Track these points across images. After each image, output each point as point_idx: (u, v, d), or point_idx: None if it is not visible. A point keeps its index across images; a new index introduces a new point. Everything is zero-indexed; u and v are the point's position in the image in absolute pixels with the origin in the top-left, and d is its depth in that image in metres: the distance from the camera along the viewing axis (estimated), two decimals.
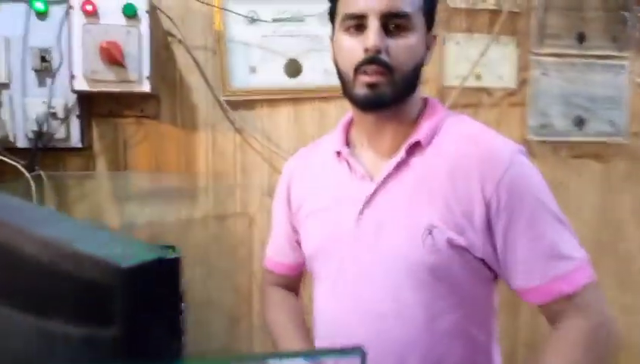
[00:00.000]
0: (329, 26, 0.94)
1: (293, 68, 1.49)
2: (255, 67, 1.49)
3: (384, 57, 0.84)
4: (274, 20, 1.46)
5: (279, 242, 1.10)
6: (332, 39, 0.93)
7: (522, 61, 1.62)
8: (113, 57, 1.24)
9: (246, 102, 1.49)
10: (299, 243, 1.04)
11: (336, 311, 0.95)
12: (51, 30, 1.32)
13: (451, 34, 1.60)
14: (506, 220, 0.84)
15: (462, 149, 0.88)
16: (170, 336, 0.38)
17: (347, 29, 0.86)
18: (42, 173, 1.35)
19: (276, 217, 1.10)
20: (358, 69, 0.85)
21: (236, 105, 1.49)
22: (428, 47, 0.93)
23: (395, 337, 0.89)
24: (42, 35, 1.33)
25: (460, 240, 0.84)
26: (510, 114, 1.62)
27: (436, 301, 0.87)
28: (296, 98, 1.50)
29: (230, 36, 1.47)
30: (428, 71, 1.56)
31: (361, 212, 0.90)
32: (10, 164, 1.30)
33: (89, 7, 1.24)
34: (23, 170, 1.29)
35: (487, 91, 1.62)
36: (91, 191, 1.44)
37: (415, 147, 0.89)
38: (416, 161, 0.89)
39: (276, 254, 1.11)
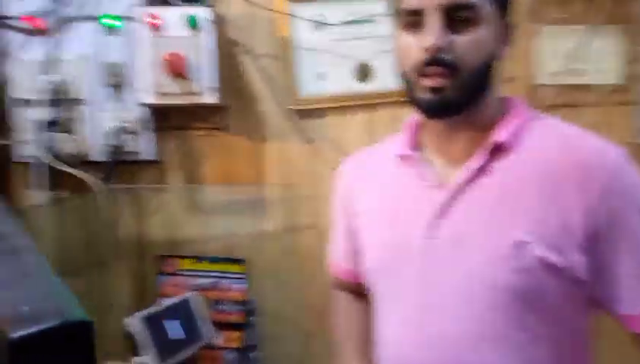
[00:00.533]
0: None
1: (364, 72, 1.40)
2: (324, 73, 1.42)
3: (446, 55, 0.73)
4: (343, 23, 1.39)
5: (339, 247, 1.02)
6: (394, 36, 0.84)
7: (630, 54, 1.41)
8: (176, 68, 1.23)
9: (316, 111, 1.43)
10: (360, 249, 0.94)
11: (400, 340, 0.84)
12: (122, 46, 1.34)
13: (543, 26, 1.43)
14: (611, 235, 0.72)
15: (556, 153, 0.76)
16: None
17: (406, 26, 0.77)
18: (117, 186, 1.38)
19: (335, 222, 1.02)
20: (419, 71, 0.75)
21: (305, 114, 1.43)
22: (504, 39, 0.81)
23: None
24: (114, 51, 1.36)
25: (556, 258, 0.72)
26: (615, 113, 1.42)
27: (521, 332, 0.75)
28: (368, 103, 1.42)
29: (297, 42, 1.41)
30: (515, 68, 1.42)
31: (431, 225, 0.79)
32: (87, 178, 1.34)
33: (154, 21, 1.25)
34: (98, 183, 1.33)
35: (587, 88, 1.43)
36: (165, 203, 1.45)
37: (497, 151, 0.78)
38: (498, 167, 0.78)
39: (338, 259, 1.03)
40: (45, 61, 1.34)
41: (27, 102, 1.33)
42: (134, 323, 1.12)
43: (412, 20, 0.75)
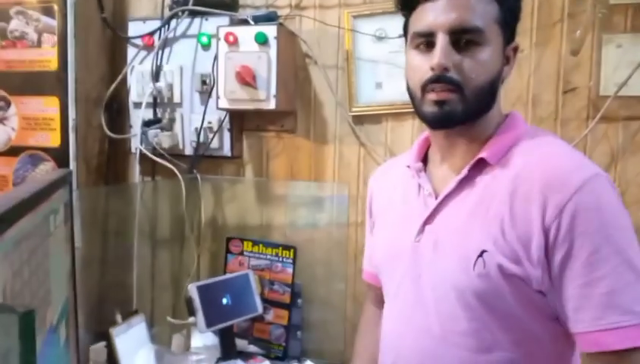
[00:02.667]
0: None
1: None
2: (381, 82, 1.54)
3: (452, 74, 0.82)
4: (401, 36, 1.48)
5: (367, 253, 1.15)
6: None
7: None
8: (245, 79, 1.44)
9: (372, 117, 1.55)
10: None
11: (393, 330, 0.95)
12: (211, 59, 1.60)
13: (610, 35, 1.38)
14: (565, 253, 0.75)
15: (529, 170, 0.80)
16: None
17: (417, 47, 0.86)
18: (198, 176, 1.65)
19: (367, 227, 1.15)
20: (425, 87, 0.84)
21: (361, 120, 1.56)
22: (508, 60, 0.88)
23: (444, 363, 0.86)
24: (205, 63, 1.62)
25: (514, 268, 0.78)
26: None
27: (487, 333, 0.82)
28: None
29: (359, 54, 1.54)
30: (578, 78, 1.39)
31: (421, 230, 0.89)
32: (175, 167, 1.63)
33: (230, 38, 1.48)
34: (177, 172, 1.60)
35: None
36: (240, 193, 1.68)
37: (482, 165, 0.85)
38: (481, 179, 0.85)
39: (368, 264, 1.16)
40: (153, 71, 1.65)
41: (139, 104, 1.65)
42: (191, 289, 1.36)
43: (422, 41, 0.85)
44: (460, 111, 0.83)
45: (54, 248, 0.89)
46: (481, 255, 0.80)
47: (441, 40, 0.81)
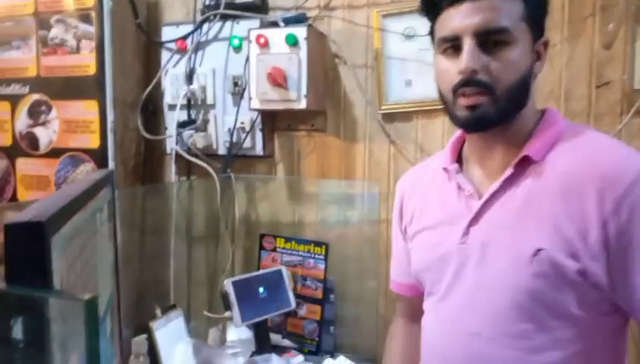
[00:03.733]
0: None
1: None
2: (411, 80, 1.55)
3: (481, 77, 0.82)
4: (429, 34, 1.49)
5: (398, 262, 1.13)
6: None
7: None
8: (276, 80, 1.47)
9: (402, 114, 1.56)
10: (410, 255, 1.05)
11: (438, 332, 0.95)
12: (242, 61, 1.63)
13: None
14: (626, 245, 0.76)
15: (579, 164, 0.81)
16: None
17: (444, 52, 0.87)
18: (231, 175, 1.69)
19: (394, 236, 1.14)
20: (456, 91, 0.85)
21: (391, 118, 1.57)
22: (539, 56, 0.88)
23: None
24: (236, 65, 1.66)
25: (572, 264, 0.78)
26: None
27: (540, 333, 0.82)
28: None
29: (388, 53, 1.56)
30: (612, 72, 1.38)
31: (466, 232, 0.89)
32: (210, 167, 1.67)
33: (261, 40, 1.51)
34: (211, 172, 1.65)
35: None
36: (272, 192, 1.72)
37: (526, 163, 0.85)
38: (527, 178, 0.85)
39: (397, 275, 1.15)
40: (187, 74, 1.70)
41: (173, 106, 1.70)
42: (227, 284, 1.40)
43: (449, 45, 0.85)
44: (493, 113, 0.83)
45: (100, 244, 0.94)
46: (536, 253, 0.80)
47: (468, 44, 0.81)
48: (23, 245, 0.51)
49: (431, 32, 0.93)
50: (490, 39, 0.81)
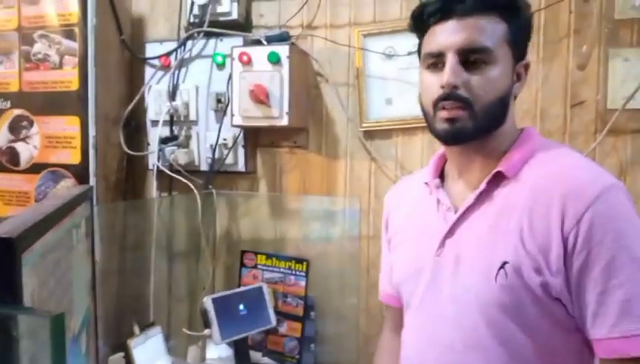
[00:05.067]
0: None
1: None
2: (391, 98, 1.57)
3: (461, 92, 0.85)
4: (410, 54, 1.52)
5: (386, 272, 1.14)
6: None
7: None
8: (258, 97, 1.49)
9: (382, 132, 1.58)
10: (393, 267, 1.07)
11: (415, 344, 0.97)
12: (225, 78, 1.65)
13: (617, 49, 1.40)
14: (582, 261, 0.78)
15: (547, 180, 0.83)
16: None
17: (428, 67, 0.90)
18: (213, 191, 1.69)
19: (382, 248, 1.16)
20: (436, 105, 0.88)
21: (372, 135, 1.59)
22: (519, 77, 0.91)
23: None
24: (219, 82, 1.67)
25: (535, 278, 0.80)
26: None
27: (509, 346, 0.83)
28: None
29: (369, 72, 1.58)
30: (586, 92, 1.42)
31: (442, 244, 0.91)
32: (191, 183, 1.67)
33: (244, 58, 1.53)
34: (193, 188, 1.65)
35: None
36: (254, 208, 1.72)
37: (499, 179, 0.88)
38: (499, 193, 0.88)
39: (385, 285, 1.16)
40: (170, 90, 1.70)
41: (156, 122, 1.71)
42: (206, 302, 1.39)
43: (434, 61, 0.88)
44: (471, 127, 0.86)
45: (76, 260, 0.93)
46: (502, 266, 0.82)
47: (450, 60, 0.85)
48: None
49: (419, 49, 0.96)
50: (472, 57, 0.85)
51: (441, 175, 1.00)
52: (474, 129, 0.86)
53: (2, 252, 0.52)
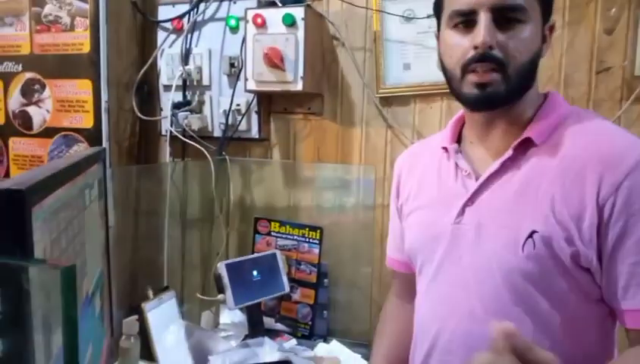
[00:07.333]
0: None
1: None
2: (410, 63, 1.52)
3: (496, 53, 0.80)
4: (429, 16, 1.47)
5: (394, 238, 1.13)
6: (437, 35, 0.92)
7: None
8: (272, 61, 1.45)
9: (399, 98, 1.54)
10: (404, 232, 1.05)
11: (431, 311, 0.94)
12: (239, 42, 1.61)
13: None
14: (618, 231, 0.75)
15: (580, 148, 0.80)
16: None
17: (455, 26, 0.85)
18: (226, 157, 1.67)
19: (391, 213, 1.13)
20: (466, 67, 0.83)
21: (389, 101, 1.55)
22: (545, 39, 0.87)
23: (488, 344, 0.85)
24: (233, 46, 1.64)
25: (565, 248, 0.77)
26: None
27: (532, 315, 0.81)
28: (448, 92, 1.47)
29: (387, 36, 1.54)
30: (612, 58, 1.36)
31: (461, 212, 0.88)
32: (204, 149, 1.65)
33: (259, 20, 1.49)
34: (206, 154, 1.63)
35: None
36: (267, 175, 1.70)
37: (527, 145, 0.84)
38: (527, 160, 0.84)
39: (392, 251, 1.14)
40: (182, 54, 1.67)
41: (169, 87, 1.68)
42: (220, 267, 1.38)
43: (462, 20, 0.83)
44: (503, 92, 0.82)
45: (89, 222, 0.92)
46: (530, 235, 0.79)
47: (484, 18, 0.80)
48: (2, 213, 0.50)
49: (437, 7, 0.90)
50: (505, 16, 0.80)
51: (459, 140, 0.96)
52: (506, 93, 0.82)
53: (13, 204, 0.50)
